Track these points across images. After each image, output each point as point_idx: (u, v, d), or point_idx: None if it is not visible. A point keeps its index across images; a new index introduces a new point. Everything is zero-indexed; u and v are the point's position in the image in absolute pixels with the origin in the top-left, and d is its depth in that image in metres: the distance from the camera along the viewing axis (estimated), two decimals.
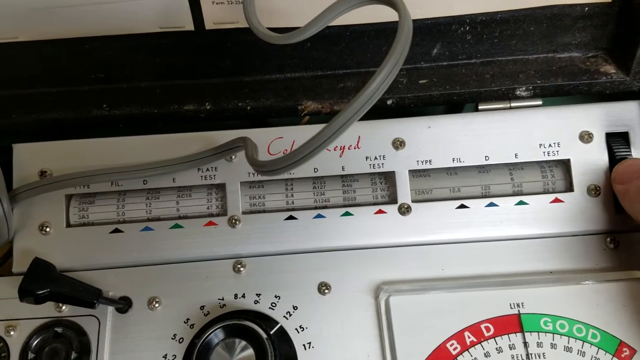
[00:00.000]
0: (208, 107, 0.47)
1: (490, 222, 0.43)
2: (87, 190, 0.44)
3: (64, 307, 0.41)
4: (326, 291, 0.41)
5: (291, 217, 0.44)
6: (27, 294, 0.38)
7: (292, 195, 0.44)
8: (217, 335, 0.38)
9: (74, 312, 0.41)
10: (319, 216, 0.43)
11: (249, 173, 0.44)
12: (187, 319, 0.41)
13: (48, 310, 0.41)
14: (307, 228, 0.43)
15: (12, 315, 0.41)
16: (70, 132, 0.48)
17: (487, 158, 0.44)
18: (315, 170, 0.44)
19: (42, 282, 0.38)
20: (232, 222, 0.43)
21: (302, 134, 0.45)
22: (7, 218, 0.42)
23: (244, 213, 0.44)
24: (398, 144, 0.44)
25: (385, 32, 0.47)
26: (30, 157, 0.44)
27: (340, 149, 0.44)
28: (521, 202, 0.43)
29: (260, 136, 0.44)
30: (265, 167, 0.33)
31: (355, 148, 0.44)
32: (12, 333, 0.41)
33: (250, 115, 0.47)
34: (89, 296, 0.39)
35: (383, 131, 0.44)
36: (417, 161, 0.44)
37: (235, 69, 0.48)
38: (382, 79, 0.30)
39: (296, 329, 0.41)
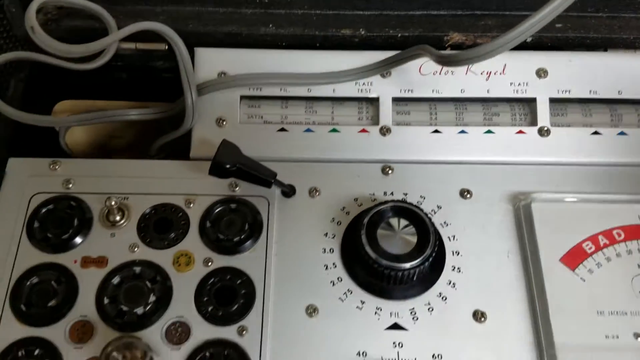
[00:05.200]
0: (362, 33, 0.52)
1: (621, 148, 0.47)
2: (259, 93, 0.50)
3: (237, 188, 0.47)
4: (467, 196, 0.46)
5: (436, 131, 0.49)
6: (218, 166, 0.43)
7: (435, 113, 0.49)
8: (383, 213, 0.42)
9: (246, 192, 0.46)
10: (463, 132, 0.48)
11: (400, 89, 0.50)
12: (344, 207, 0.46)
13: (222, 189, 0.47)
14: (451, 141, 0.48)
15: (191, 191, 0.47)
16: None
17: (620, 92, 0.48)
18: (462, 91, 0.49)
19: (231, 158, 0.44)
20: (383, 132, 0.48)
21: None
22: (194, 108, 0.48)
23: (394, 125, 0.49)
24: (542, 73, 0.49)
25: None
26: (210, 60, 0.50)
27: (487, 74, 0.49)
28: None
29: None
30: (456, 57, 0.39)
31: (500, 74, 0.49)
32: (191, 205, 0.46)
33: (400, 43, 0.52)
34: (269, 175, 0.44)
35: (528, 61, 0.49)
36: (558, 90, 0.48)
37: (382, 3, 0.54)
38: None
39: (441, 223, 0.45)
